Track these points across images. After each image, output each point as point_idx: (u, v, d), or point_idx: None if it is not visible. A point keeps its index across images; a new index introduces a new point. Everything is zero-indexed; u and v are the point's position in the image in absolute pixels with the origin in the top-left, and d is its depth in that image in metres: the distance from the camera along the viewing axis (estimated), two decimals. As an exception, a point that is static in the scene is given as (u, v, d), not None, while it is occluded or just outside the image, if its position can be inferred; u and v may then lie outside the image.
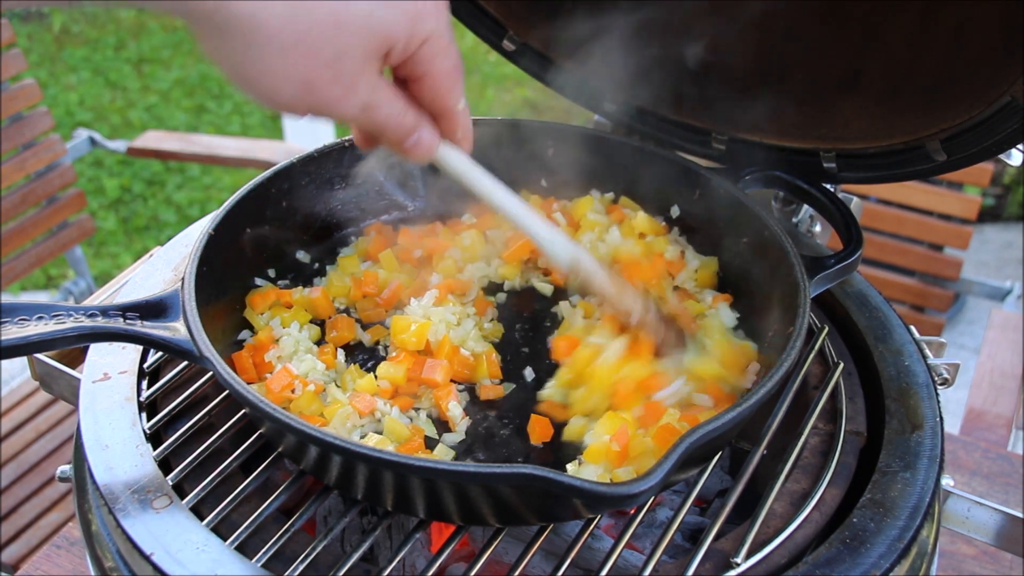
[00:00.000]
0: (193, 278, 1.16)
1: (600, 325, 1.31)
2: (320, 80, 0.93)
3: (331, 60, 0.92)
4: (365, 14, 0.92)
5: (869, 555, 1.05)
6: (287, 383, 1.21)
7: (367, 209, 1.52)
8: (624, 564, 1.19)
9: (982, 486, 1.83)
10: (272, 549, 1.05)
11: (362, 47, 0.93)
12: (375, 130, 1.03)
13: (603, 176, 1.52)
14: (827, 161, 1.43)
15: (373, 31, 0.93)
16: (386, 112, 1.00)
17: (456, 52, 1.04)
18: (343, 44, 0.92)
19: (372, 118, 1.00)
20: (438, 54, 1.01)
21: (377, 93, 0.98)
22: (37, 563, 1.58)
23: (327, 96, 0.94)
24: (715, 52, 1.47)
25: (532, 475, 0.92)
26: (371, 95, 0.97)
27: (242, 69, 0.92)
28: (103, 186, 5.27)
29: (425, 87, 1.04)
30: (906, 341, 1.36)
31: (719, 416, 1.00)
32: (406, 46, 0.97)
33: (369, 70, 0.96)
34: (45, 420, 2.67)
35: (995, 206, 5.21)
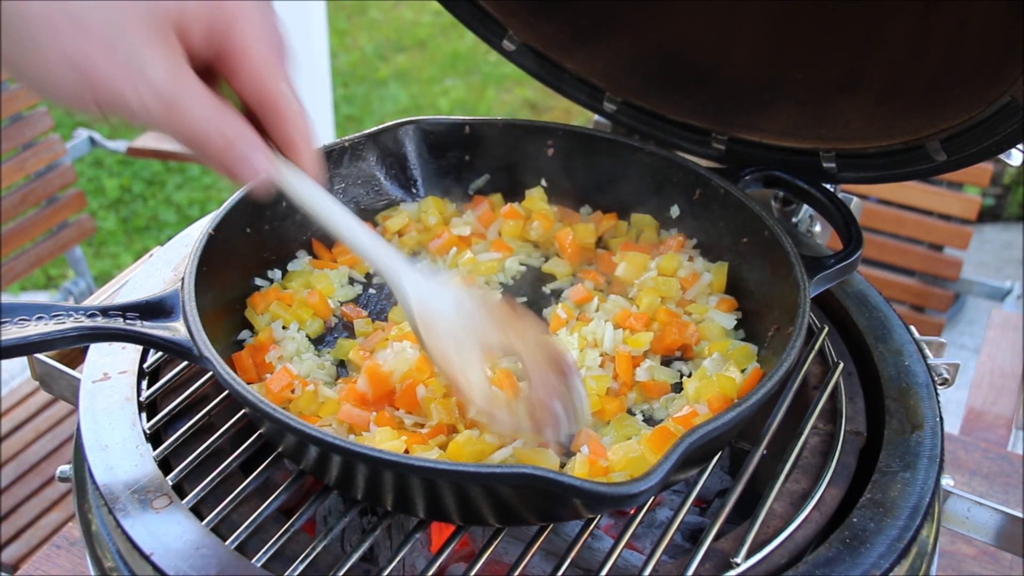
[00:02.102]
0: (193, 278, 1.16)
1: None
2: (98, 62, 0.77)
3: (106, 37, 0.76)
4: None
5: (869, 555, 1.05)
6: (287, 383, 1.21)
7: (367, 208, 1.52)
8: (624, 564, 1.19)
9: (982, 486, 1.83)
10: (272, 549, 1.05)
11: (141, 20, 0.77)
12: (191, 143, 0.84)
13: (603, 176, 1.52)
14: (827, 161, 1.43)
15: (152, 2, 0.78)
16: (195, 112, 0.82)
17: (278, 31, 0.87)
18: (116, 17, 0.76)
19: (180, 122, 0.82)
20: (252, 35, 0.85)
21: (181, 87, 0.81)
22: (37, 563, 1.58)
23: (110, 82, 0.78)
24: (715, 52, 1.47)
25: (532, 475, 0.92)
26: (172, 87, 0.80)
27: (15, 59, 0.78)
28: (103, 186, 5.27)
29: (243, 78, 0.86)
30: (906, 341, 1.36)
31: (719, 416, 1.00)
32: (204, 25, 0.81)
33: (160, 52, 0.79)
34: (45, 420, 2.67)
35: (995, 206, 5.21)
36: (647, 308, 1.36)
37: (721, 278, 1.39)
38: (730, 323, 1.34)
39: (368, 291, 1.45)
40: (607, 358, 1.30)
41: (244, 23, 0.84)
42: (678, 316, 1.35)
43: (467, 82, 6.44)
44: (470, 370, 1.01)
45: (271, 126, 0.90)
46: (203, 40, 0.82)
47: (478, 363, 1.01)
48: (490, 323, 1.04)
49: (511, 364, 1.15)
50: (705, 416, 1.17)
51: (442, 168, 1.56)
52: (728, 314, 1.35)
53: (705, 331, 1.33)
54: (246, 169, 0.88)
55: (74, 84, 0.78)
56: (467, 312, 1.03)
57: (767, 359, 1.24)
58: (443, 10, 1.61)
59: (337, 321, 1.39)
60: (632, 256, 1.43)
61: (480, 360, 1.02)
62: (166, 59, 0.80)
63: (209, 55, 0.84)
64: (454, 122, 1.53)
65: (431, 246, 1.48)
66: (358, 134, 1.49)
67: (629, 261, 1.42)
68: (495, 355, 1.07)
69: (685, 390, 1.23)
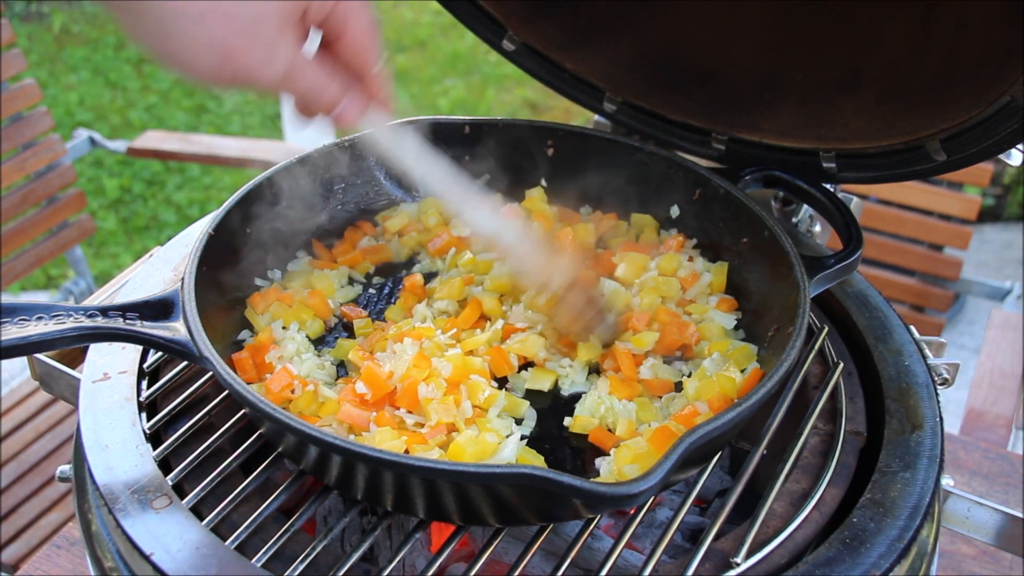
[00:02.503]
0: (193, 278, 1.16)
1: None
2: (239, 47, 0.92)
3: (248, 25, 0.91)
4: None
5: (869, 555, 1.05)
6: (287, 383, 1.21)
7: (366, 209, 1.52)
8: (624, 564, 1.19)
9: (982, 486, 1.83)
10: (272, 549, 1.05)
11: (277, 9, 0.93)
12: (301, 99, 1.03)
13: (603, 176, 1.52)
14: (827, 161, 1.43)
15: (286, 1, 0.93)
16: (310, 79, 1.01)
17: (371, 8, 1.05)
18: (258, 8, 0.92)
19: (296, 86, 1.00)
20: (353, 11, 1.02)
21: (298, 59, 0.98)
22: (37, 563, 1.58)
23: (248, 63, 0.93)
24: (715, 52, 1.47)
25: (532, 475, 0.92)
26: (292, 61, 0.97)
27: (160, 43, 0.91)
28: (103, 186, 5.27)
29: (344, 47, 1.04)
30: (906, 341, 1.36)
31: (719, 416, 1.00)
32: (322, 6, 0.98)
33: (287, 34, 0.96)
34: (45, 420, 2.67)
35: (995, 206, 5.21)
36: (647, 308, 1.36)
37: (721, 278, 1.39)
38: (730, 323, 1.34)
39: (368, 291, 1.45)
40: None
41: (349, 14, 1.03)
42: (678, 316, 1.35)
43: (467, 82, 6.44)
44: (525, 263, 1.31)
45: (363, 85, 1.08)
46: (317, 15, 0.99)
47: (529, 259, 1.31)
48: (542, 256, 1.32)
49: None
50: (705, 416, 1.17)
51: (442, 168, 1.56)
52: (728, 314, 1.35)
53: (705, 331, 1.33)
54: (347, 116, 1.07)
55: (214, 65, 0.92)
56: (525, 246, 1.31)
57: (767, 359, 1.24)
58: (443, 10, 1.61)
59: (337, 321, 1.39)
60: (632, 256, 1.43)
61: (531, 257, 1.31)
62: (291, 41, 0.97)
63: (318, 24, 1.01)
64: (454, 122, 1.53)
65: (431, 246, 1.48)
66: (358, 134, 1.49)
67: (629, 261, 1.42)
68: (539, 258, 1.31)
69: (685, 390, 1.23)
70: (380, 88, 1.10)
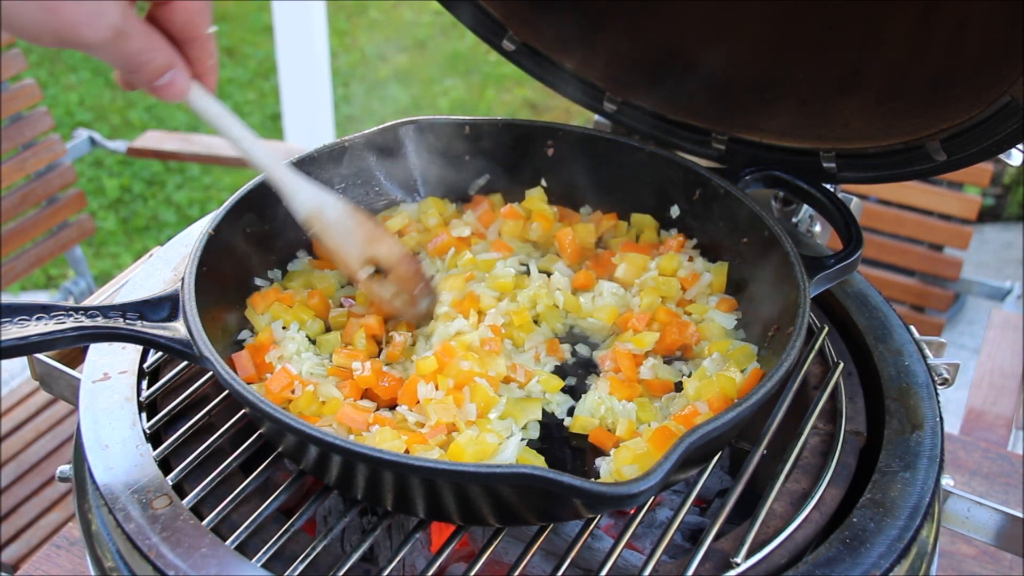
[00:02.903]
0: (193, 278, 1.16)
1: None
2: (65, 7, 0.88)
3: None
4: None
5: (869, 555, 1.05)
6: (287, 383, 1.21)
7: (367, 208, 1.52)
8: (624, 564, 1.19)
9: (982, 486, 1.83)
10: (272, 549, 1.05)
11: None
12: (126, 65, 0.99)
13: (603, 176, 1.52)
14: (827, 161, 1.43)
15: None
16: (139, 45, 0.97)
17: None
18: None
19: (124, 50, 0.96)
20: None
21: (129, 21, 0.94)
22: (37, 563, 1.58)
23: (73, 18, 0.89)
24: (715, 52, 1.47)
25: (532, 475, 0.92)
26: (122, 23, 0.93)
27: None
28: (103, 186, 5.28)
29: (177, 14, 1.01)
30: (906, 341, 1.36)
31: (719, 416, 1.00)
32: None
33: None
34: (45, 420, 2.67)
35: (995, 206, 5.21)
36: (647, 308, 1.36)
37: (721, 278, 1.39)
38: (730, 323, 1.34)
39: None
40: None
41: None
42: (678, 316, 1.35)
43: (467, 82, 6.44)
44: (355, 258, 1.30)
45: (190, 55, 1.05)
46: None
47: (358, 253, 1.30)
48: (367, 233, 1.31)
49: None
50: (705, 416, 1.17)
51: (442, 168, 1.56)
52: (728, 314, 1.35)
53: (705, 331, 1.33)
54: (171, 89, 1.04)
55: (37, 19, 0.89)
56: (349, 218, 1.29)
57: (767, 359, 1.24)
58: (443, 10, 1.61)
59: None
60: (632, 256, 1.43)
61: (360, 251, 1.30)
62: (119, 2, 0.93)
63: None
64: (454, 122, 1.53)
65: (430, 246, 1.48)
66: (358, 134, 1.49)
67: (629, 261, 1.42)
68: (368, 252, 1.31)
69: (685, 390, 1.23)
70: (207, 60, 1.06)
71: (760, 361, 1.25)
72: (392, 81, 6.40)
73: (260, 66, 6.34)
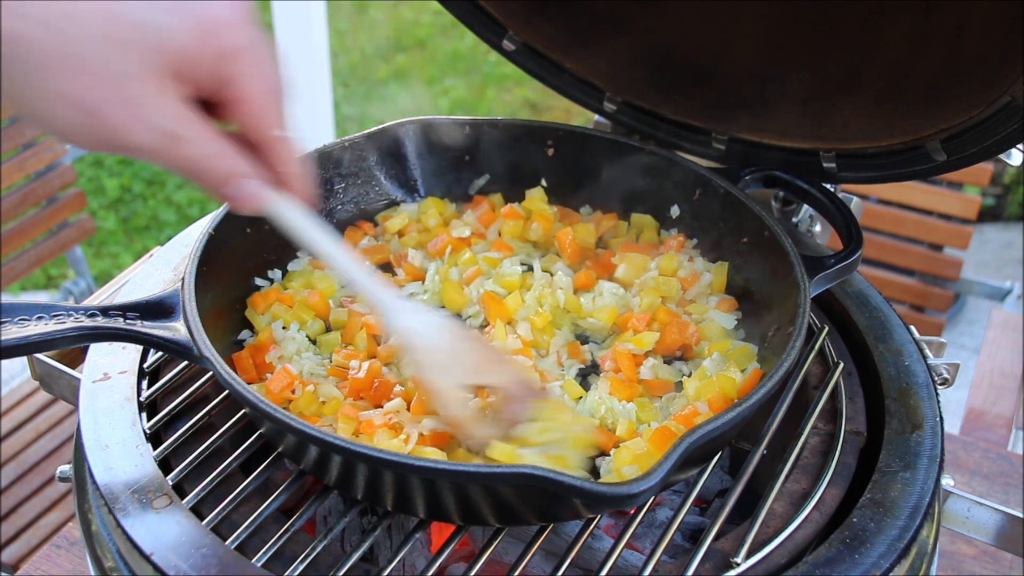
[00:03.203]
0: (193, 278, 1.16)
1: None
2: (103, 103, 0.80)
3: (111, 79, 0.79)
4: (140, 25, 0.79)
5: (869, 555, 1.05)
6: (287, 383, 1.21)
7: (366, 208, 1.52)
8: (624, 564, 1.19)
9: (982, 486, 1.83)
10: (272, 549, 1.05)
11: (146, 64, 0.81)
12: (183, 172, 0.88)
13: (603, 176, 1.52)
14: (827, 161, 1.43)
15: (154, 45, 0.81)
16: (195, 150, 0.87)
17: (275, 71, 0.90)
18: (121, 60, 0.79)
19: (178, 155, 0.86)
20: (251, 73, 0.87)
21: (180, 124, 0.85)
22: (37, 563, 1.58)
23: (113, 122, 0.81)
24: (715, 52, 1.47)
25: (532, 475, 0.92)
26: (171, 124, 0.84)
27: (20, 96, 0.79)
28: (103, 186, 5.28)
29: (240, 115, 0.90)
30: (906, 341, 1.36)
31: (719, 416, 1.00)
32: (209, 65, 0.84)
33: (162, 93, 0.82)
34: (45, 420, 2.67)
35: (995, 206, 5.21)
36: (647, 308, 1.36)
37: (721, 278, 1.39)
38: (730, 323, 1.34)
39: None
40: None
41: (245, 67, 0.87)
42: (678, 316, 1.35)
43: (467, 82, 6.44)
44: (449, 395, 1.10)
45: (266, 164, 0.95)
46: (208, 78, 0.86)
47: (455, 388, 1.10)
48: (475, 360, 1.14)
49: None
50: (705, 416, 1.17)
51: (442, 168, 1.56)
52: (728, 314, 1.35)
53: (705, 331, 1.33)
54: (240, 201, 0.93)
55: (76, 122, 0.81)
56: (449, 347, 1.12)
57: (767, 359, 1.24)
58: (443, 10, 1.61)
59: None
60: (632, 256, 1.43)
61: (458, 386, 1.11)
62: (166, 101, 0.83)
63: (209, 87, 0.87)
64: (454, 122, 1.53)
65: (430, 246, 1.48)
66: (358, 134, 1.49)
67: (629, 261, 1.42)
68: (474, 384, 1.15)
69: (685, 390, 1.23)
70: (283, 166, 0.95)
71: (760, 361, 1.25)
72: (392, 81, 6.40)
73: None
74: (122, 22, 0.79)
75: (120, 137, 0.82)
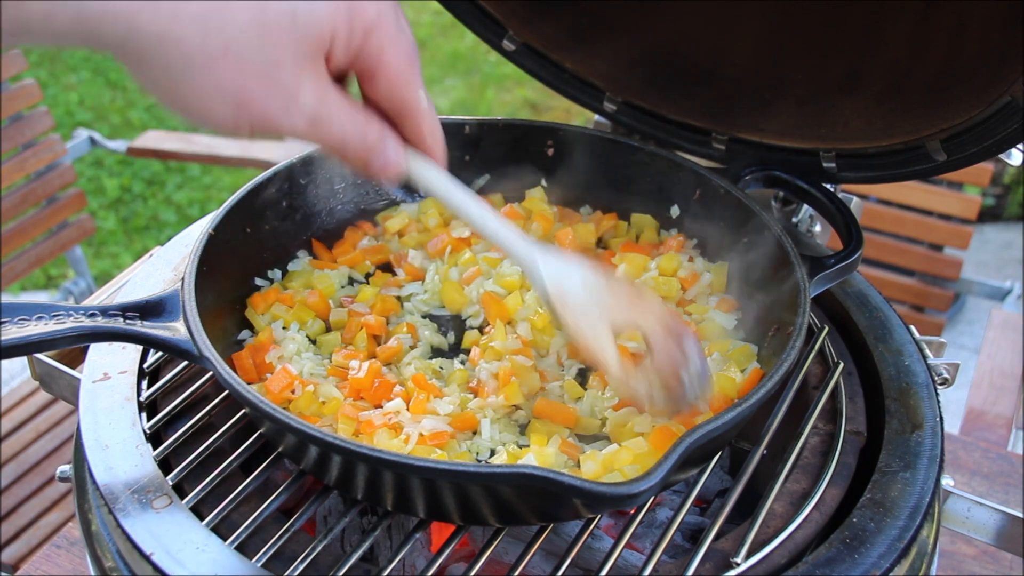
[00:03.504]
0: (193, 278, 1.16)
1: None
2: (255, 94, 0.83)
3: (263, 70, 0.82)
4: (290, 12, 0.82)
5: (869, 555, 1.05)
6: (287, 383, 1.21)
7: (367, 208, 1.52)
8: (624, 564, 1.19)
9: (982, 486, 1.83)
10: (272, 549, 1.05)
11: (295, 50, 0.84)
12: (332, 148, 0.92)
13: (603, 176, 1.52)
14: (827, 161, 1.43)
15: (304, 31, 0.83)
16: (341, 126, 0.90)
17: (409, 37, 0.93)
18: (272, 50, 0.82)
19: (326, 134, 0.90)
20: (388, 43, 0.90)
21: (327, 104, 0.88)
22: (37, 563, 1.58)
23: (266, 111, 0.85)
24: (715, 52, 1.47)
25: (532, 475, 0.92)
26: (319, 106, 0.87)
27: (171, 93, 0.83)
28: (103, 186, 5.28)
29: (380, 85, 0.93)
30: (906, 341, 1.36)
31: (719, 416, 1.00)
32: (347, 42, 0.87)
33: (310, 77, 0.86)
34: (45, 420, 2.68)
35: (995, 206, 5.21)
36: None
37: (721, 278, 1.39)
38: (730, 323, 1.34)
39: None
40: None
41: (381, 35, 0.89)
42: (678, 316, 1.35)
43: (467, 82, 6.44)
44: (604, 342, 1.07)
45: (405, 127, 0.97)
46: (343, 53, 0.88)
47: (609, 336, 1.07)
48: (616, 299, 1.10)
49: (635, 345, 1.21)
50: (705, 416, 1.17)
51: (442, 168, 1.56)
52: (728, 314, 1.35)
53: (705, 331, 1.33)
54: (386, 168, 0.96)
55: (230, 114, 0.84)
56: (595, 289, 1.09)
57: (767, 359, 1.24)
58: (443, 10, 1.61)
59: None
60: (632, 256, 1.43)
61: (610, 333, 1.08)
62: (314, 84, 0.86)
63: (347, 63, 0.90)
64: (454, 122, 1.53)
65: (430, 246, 1.48)
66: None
67: (629, 261, 1.42)
68: (622, 329, 1.10)
69: None
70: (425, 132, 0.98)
71: (760, 361, 1.25)
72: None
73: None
74: (272, 11, 0.81)
75: (273, 125, 0.86)
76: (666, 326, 1.08)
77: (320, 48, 0.86)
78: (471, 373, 1.27)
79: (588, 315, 1.08)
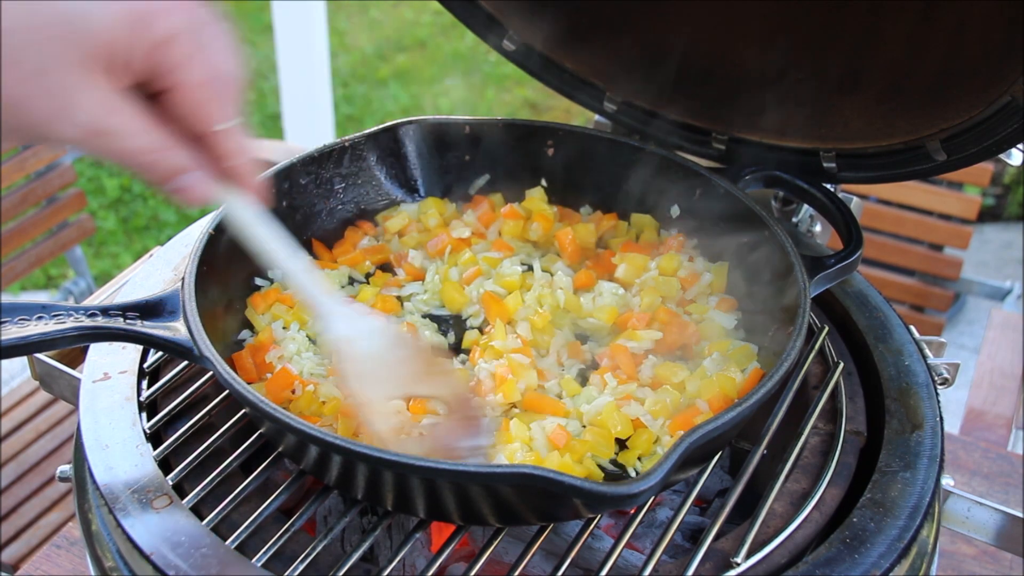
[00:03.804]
0: (193, 278, 1.16)
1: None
2: (26, 96, 0.77)
3: (36, 71, 0.77)
4: (63, 16, 0.77)
5: (869, 555, 1.05)
6: (287, 383, 1.21)
7: (367, 209, 1.52)
8: (624, 564, 1.19)
9: (982, 486, 1.83)
10: (272, 549, 1.05)
11: (71, 57, 0.78)
12: (124, 164, 0.85)
13: (603, 176, 1.52)
14: (827, 161, 1.43)
15: (77, 36, 0.78)
16: (133, 143, 0.83)
17: (224, 53, 0.86)
18: (47, 51, 0.77)
19: (112, 148, 0.83)
20: (188, 58, 0.83)
21: (113, 116, 0.81)
22: (37, 563, 1.58)
23: (38, 116, 0.79)
24: (715, 52, 1.47)
25: (532, 475, 0.92)
26: (104, 118, 0.81)
27: None
28: (103, 186, 5.27)
29: (178, 103, 0.85)
30: (906, 341, 1.36)
31: (719, 416, 1.00)
32: (129, 52, 0.80)
33: (92, 85, 0.79)
34: (45, 420, 2.67)
35: (995, 206, 5.20)
36: (647, 308, 1.36)
37: (721, 278, 1.39)
38: (730, 323, 1.34)
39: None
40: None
41: (182, 54, 0.83)
42: (678, 316, 1.35)
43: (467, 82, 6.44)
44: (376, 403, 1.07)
45: (209, 153, 0.90)
46: (132, 64, 0.82)
47: (385, 399, 1.08)
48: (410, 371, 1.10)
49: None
50: (705, 416, 1.17)
51: (442, 168, 1.56)
52: (728, 314, 1.35)
53: (705, 331, 1.33)
54: (187, 197, 0.89)
55: (5, 118, 0.78)
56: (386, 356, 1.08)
57: (767, 359, 1.24)
58: (443, 10, 1.61)
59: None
60: (632, 256, 1.43)
61: (390, 398, 1.09)
62: (97, 93, 0.80)
63: (143, 75, 0.84)
64: (454, 122, 1.53)
65: (430, 246, 1.48)
66: (358, 134, 1.49)
67: (629, 261, 1.42)
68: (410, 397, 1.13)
69: (685, 390, 1.23)
70: (230, 159, 0.90)
71: (760, 361, 1.25)
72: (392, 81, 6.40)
73: (260, 66, 6.34)
74: (44, 13, 0.76)
75: (46, 131, 0.80)
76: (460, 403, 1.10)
77: (100, 55, 0.79)
78: (471, 373, 1.27)
79: (369, 375, 1.07)
